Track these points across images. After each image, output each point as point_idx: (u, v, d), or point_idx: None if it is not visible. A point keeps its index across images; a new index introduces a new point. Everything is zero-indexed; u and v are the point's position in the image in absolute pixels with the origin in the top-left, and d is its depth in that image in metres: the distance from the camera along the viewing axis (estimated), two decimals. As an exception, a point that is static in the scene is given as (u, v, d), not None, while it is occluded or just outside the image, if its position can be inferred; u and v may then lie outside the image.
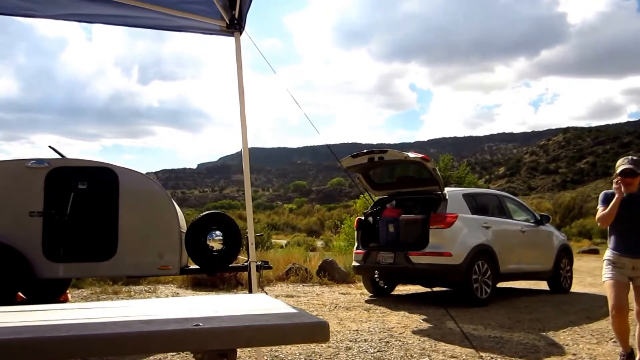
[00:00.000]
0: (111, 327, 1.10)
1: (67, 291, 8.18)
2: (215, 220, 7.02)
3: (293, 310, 1.34)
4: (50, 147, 7.19)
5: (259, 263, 7.09)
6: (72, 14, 2.76)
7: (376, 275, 8.38)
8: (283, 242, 30.76)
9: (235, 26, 2.85)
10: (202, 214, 7.18)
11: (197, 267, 6.98)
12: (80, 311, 1.50)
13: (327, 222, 50.85)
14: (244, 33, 2.89)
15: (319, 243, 30.58)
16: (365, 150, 8.24)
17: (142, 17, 2.82)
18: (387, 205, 8.65)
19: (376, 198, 9.23)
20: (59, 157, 6.97)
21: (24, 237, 6.29)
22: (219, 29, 2.90)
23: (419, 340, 5.39)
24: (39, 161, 6.55)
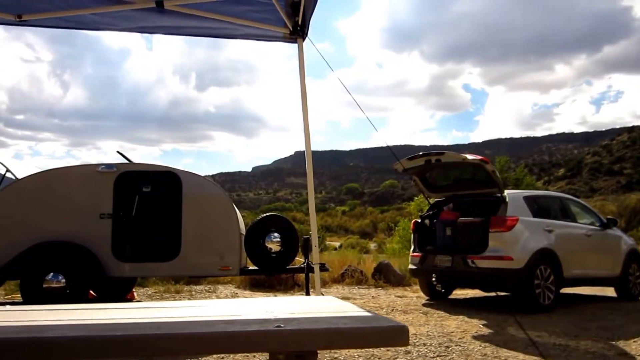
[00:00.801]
0: (196, 326, 1.15)
1: (133, 289, 8.56)
2: (273, 222, 7.15)
3: (367, 313, 1.36)
4: (118, 152, 7.57)
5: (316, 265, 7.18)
6: (146, 27, 2.92)
7: (434, 279, 8.26)
8: (336, 244, 30.81)
9: (298, 32, 2.91)
10: (260, 217, 7.35)
11: (256, 268, 7.14)
12: (163, 310, 1.57)
13: (380, 224, 50.48)
14: (306, 39, 2.95)
15: (372, 245, 30.44)
16: (421, 153, 8.15)
17: (209, 27, 2.94)
18: (444, 208, 8.51)
19: (432, 200, 9.10)
20: (127, 162, 7.33)
21: (95, 238, 6.66)
22: (283, 36, 2.97)
23: (480, 346, 5.27)
24: (109, 166, 6.91)
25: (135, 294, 8.66)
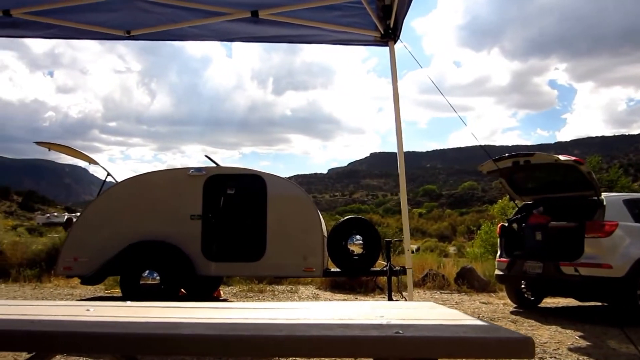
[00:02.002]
0: (316, 329, 1.17)
1: (219, 288, 8.90)
2: (355, 224, 7.17)
3: (484, 323, 1.32)
4: (206, 156, 7.91)
5: (398, 268, 7.10)
6: (241, 37, 3.03)
7: (523, 286, 7.89)
8: (413, 247, 30.32)
9: (389, 35, 2.90)
10: (343, 219, 7.40)
11: (338, 270, 7.19)
12: (274, 311, 1.61)
13: (460, 227, 49.09)
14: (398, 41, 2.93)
15: (452, 249, 29.63)
16: (508, 154, 7.82)
17: (302, 34, 3.00)
18: (533, 212, 8.10)
19: (520, 204, 8.70)
20: (214, 165, 7.65)
21: (186, 238, 7.01)
22: (374, 39, 2.97)
23: (577, 358, 4.96)
24: (198, 169, 7.24)
25: (221, 292, 9.00)
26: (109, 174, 8.25)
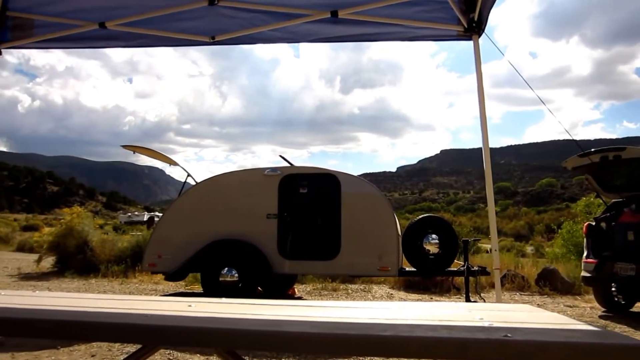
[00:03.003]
0: (421, 330, 1.15)
1: (294, 286, 9.04)
2: (431, 223, 7.04)
3: (595, 328, 1.25)
4: (280, 156, 8.05)
5: (476, 268, 6.90)
6: (322, 37, 3.07)
7: (613, 289, 7.41)
8: (487, 246, 29.23)
9: (474, 29, 2.81)
10: (418, 218, 7.29)
11: (414, 269, 7.09)
12: (367, 310, 1.61)
13: (537, 226, 46.95)
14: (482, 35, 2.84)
15: (529, 249, 28.34)
16: (594, 149, 7.37)
17: (382, 32, 2.98)
18: (624, 210, 7.58)
19: (609, 201, 8.17)
20: (289, 165, 7.77)
21: (262, 237, 7.18)
22: (457, 34, 2.90)
23: (680, 368, 4.57)
24: (273, 169, 7.39)
25: (295, 290, 9.13)
26: (189, 175, 8.60)
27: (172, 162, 9.09)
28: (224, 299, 1.90)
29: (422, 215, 7.38)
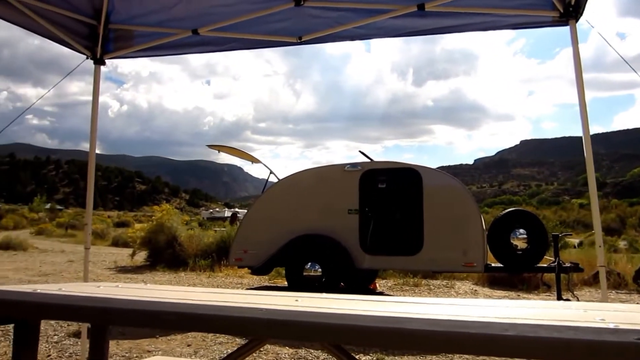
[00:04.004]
0: (541, 330, 1.10)
1: (375, 281, 9.03)
2: (518, 218, 6.76)
3: None
4: (360, 152, 8.05)
5: (568, 265, 6.54)
6: (408, 32, 3.03)
7: None
8: (575, 241, 27.64)
9: (570, 14, 2.66)
10: (504, 212, 7.01)
11: (501, 265, 6.84)
12: (478, 309, 1.57)
13: (630, 219, 43.76)
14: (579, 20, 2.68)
15: (622, 243, 26.46)
16: None
17: (471, 23, 2.90)
18: None
19: None
20: (369, 160, 7.76)
21: (344, 232, 7.22)
22: (552, 19, 2.75)
23: None
24: (353, 165, 7.41)
25: (377, 285, 9.12)
26: (271, 172, 8.84)
27: (254, 160, 9.37)
28: (329, 295, 1.94)
29: (509, 209, 7.08)
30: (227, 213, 54.75)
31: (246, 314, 1.28)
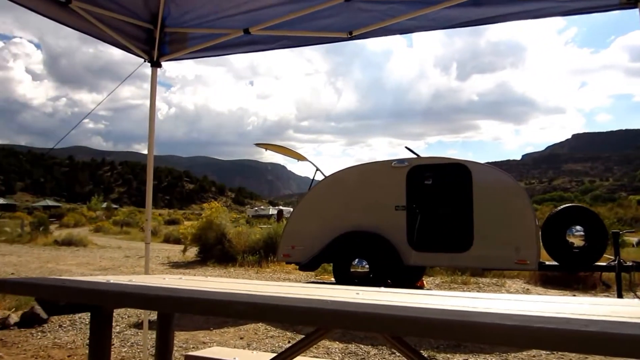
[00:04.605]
0: (629, 327, 1.07)
1: (423, 278, 8.94)
2: (575, 214, 6.53)
3: None
4: (406, 147, 7.98)
5: (630, 264, 6.26)
6: (461, 22, 2.98)
7: None
8: (634, 239, 26.30)
9: (640, -4, 2.54)
10: (560, 208, 6.79)
11: (556, 263, 6.62)
12: (536, 304, 1.55)
13: (695, 216, 41.30)
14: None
15: (687, 242, 25.01)
16: None
17: (528, 10, 2.81)
18: None
19: None
20: (415, 156, 7.68)
21: (392, 229, 7.19)
22: (618, 3, 2.64)
23: None
24: (400, 161, 7.36)
25: (424, 282, 9.03)
26: (317, 169, 8.89)
27: (301, 158, 9.45)
28: (389, 289, 1.95)
29: (565, 205, 6.84)
30: (272, 211, 55.44)
31: (314, 305, 1.31)
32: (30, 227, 23.74)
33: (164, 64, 3.87)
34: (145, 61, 3.70)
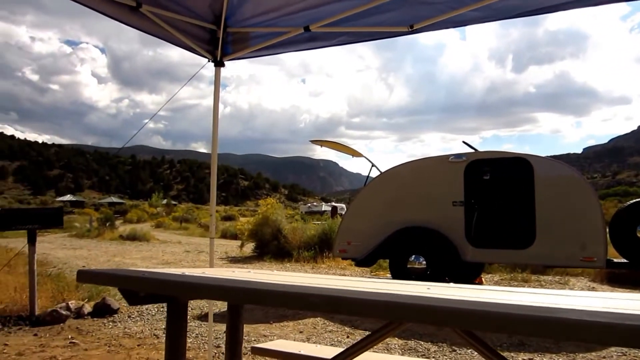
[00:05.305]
0: None
1: (481, 275, 8.74)
2: (646, 209, 6.19)
3: None
4: (464, 142, 7.81)
5: None
6: (524, 11, 2.89)
7: None
8: None
9: None
10: (629, 202, 6.46)
11: (625, 261, 6.31)
12: (623, 302, 1.49)
13: None
14: None
15: None
16: None
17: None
18: None
19: None
20: (473, 151, 7.51)
21: (449, 225, 7.06)
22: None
23: None
24: (458, 156, 7.21)
25: (483, 279, 8.83)
26: (373, 165, 8.86)
27: (356, 154, 9.45)
28: (459, 285, 1.94)
29: (635, 200, 6.49)
30: (325, 207, 55.65)
31: (390, 299, 1.32)
32: (97, 223, 25.01)
33: (234, 60, 3.97)
34: (209, 61, 3.81)
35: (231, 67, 3.93)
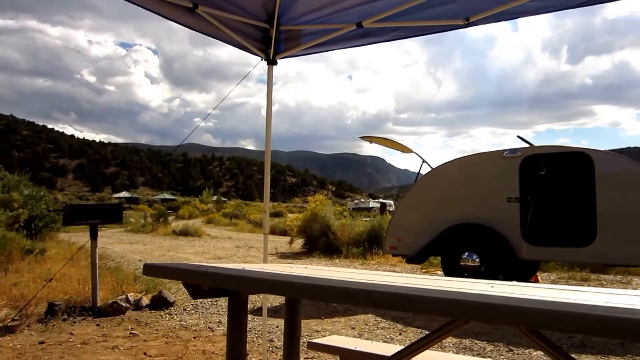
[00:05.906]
0: None
1: (537, 273, 8.47)
2: None
3: None
4: (518, 137, 7.58)
5: None
6: (582, 1, 2.77)
7: None
8: None
9: None
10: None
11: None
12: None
13: None
14: None
15: None
16: None
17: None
18: None
19: None
20: (529, 145, 7.28)
21: (504, 221, 6.88)
22: None
23: None
24: (512, 151, 7.00)
25: (539, 277, 8.55)
26: (424, 161, 8.75)
27: (406, 150, 9.35)
28: (524, 283, 1.90)
29: None
30: (372, 204, 55.42)
31: (456, 297, 1.31)
32: (151, 219, 25.91)
33: (287, 58, 4.01)
34: (262, 59, 3.87)
35: (279, 65, 3.96)
